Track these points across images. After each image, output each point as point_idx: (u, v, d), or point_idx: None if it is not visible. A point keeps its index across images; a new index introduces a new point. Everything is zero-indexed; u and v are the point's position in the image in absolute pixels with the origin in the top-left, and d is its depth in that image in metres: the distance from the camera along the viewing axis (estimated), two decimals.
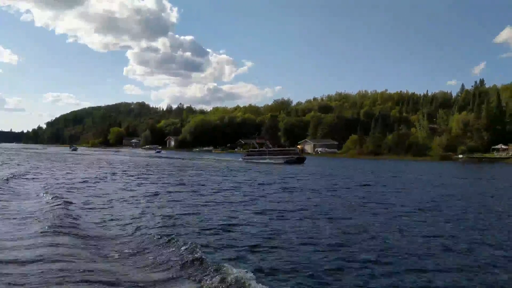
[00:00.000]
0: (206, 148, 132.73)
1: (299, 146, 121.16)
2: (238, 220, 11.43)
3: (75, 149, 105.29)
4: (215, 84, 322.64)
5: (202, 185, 21.66)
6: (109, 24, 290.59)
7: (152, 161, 55.61)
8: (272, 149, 60.10)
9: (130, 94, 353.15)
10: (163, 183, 22.18)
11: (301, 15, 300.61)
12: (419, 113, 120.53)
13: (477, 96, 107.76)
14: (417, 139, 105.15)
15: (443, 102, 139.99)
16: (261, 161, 55.46)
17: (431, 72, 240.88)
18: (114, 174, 28.36)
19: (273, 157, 54.94)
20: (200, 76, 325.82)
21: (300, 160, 54.31)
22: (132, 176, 27.31)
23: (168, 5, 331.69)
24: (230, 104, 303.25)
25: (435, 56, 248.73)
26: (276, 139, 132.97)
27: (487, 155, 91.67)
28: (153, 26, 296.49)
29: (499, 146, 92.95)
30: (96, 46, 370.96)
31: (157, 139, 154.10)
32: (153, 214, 12.06)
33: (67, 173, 28.16)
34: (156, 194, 16.91)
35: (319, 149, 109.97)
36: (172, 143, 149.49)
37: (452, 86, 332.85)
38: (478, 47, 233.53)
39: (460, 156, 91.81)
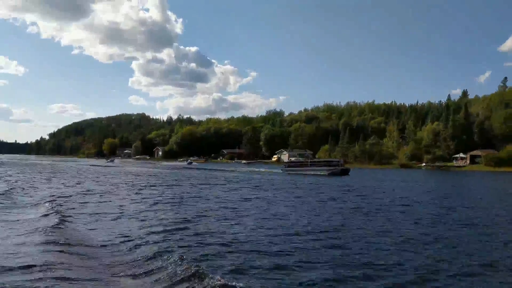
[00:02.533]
0: (191, 158, 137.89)
1: (275, 156, 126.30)
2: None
3: (112, 161, 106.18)
4: (220, 95, 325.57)
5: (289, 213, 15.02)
6: (114, 35, 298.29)
7: (189, 173, 50.37)
8: (314, 160, 57.55)
9: (135, 105, 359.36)
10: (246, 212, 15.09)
11: (306, 24, 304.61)
12: (393, 123, 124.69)
13: (445, 108, 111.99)
14: (388, 148, 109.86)
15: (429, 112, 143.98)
16: (303, 172, 52.66)
17: (436, 81, 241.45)
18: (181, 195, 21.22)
19: (317, 168, 52.20)
20: (205, 86, 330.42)
21: (344, 172, 50.40)
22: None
23: (172, 16, 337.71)
24: (235, 114, 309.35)
25: (440, 66, 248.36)
26: (258, 149, 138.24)
27: (448, 163, 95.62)
28: (158, 37, 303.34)
29: (458, 155, 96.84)
30: (101, 57, 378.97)
31: (147, 149, 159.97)
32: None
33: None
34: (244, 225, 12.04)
35: (292, 159, 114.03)
36: (160, 153, 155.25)
37: (457, 95, 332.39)
38: (483, 56, 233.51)
39: (423, 164, 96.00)
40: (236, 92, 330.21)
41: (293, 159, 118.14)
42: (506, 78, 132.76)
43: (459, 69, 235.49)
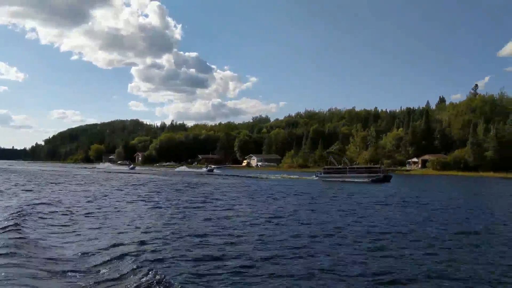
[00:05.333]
0: (168, 164, 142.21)
1: (245, 161, 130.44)
2: None
3: (133, 168, 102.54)
4: (220, 100, 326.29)
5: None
6: (114, 41, 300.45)
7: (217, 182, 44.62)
8: (353, 166, 55.84)
9: (135, 111, 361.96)
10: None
11: (305, 30, 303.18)
12: (357, 129, 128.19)
13: (407, 114, 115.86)
14: (351, 153, 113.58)
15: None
16: (341, 179, 50.45)
17: (436, 86, 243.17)
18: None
19: (357, 175, 50.07)
20: (204, 92, 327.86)
21: (386, 179, 48.73)
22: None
23: (172, 22, 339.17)
24: (235, 120, 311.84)
25: (440, 71, 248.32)
26: (231, 154, 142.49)
27: (402, 168, 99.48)
28: (158, 43, 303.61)
29: (411, 159, 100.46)
30: (101, 63, 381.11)
31: (129, 155, 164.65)
32: None
33: None
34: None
35: (259, 164, 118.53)
36: (140, 158, 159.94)
37: (457, 100, 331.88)
38: (482, 61, 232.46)
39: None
40: (235, 97, 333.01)
41: (259, 164, 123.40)
42: (476, 85, 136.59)
43: (459, 74, 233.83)
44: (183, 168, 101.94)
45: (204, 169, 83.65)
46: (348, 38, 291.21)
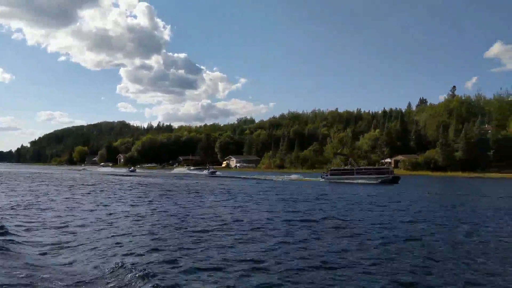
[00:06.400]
0: (149, 165, 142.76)
1: (224, 162, 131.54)
2: None
3: (133, 171, 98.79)
4: (209, 101, 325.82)
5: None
6: (102, 42, 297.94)
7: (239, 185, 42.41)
8: (361, 167, 54.66)
9: (124, 112, 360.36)
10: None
11: (295, 31, 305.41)
12: (334, 130, 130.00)
13: (382, 115, 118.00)
14: (328, 154, 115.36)
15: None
16: (348, 181, 48.95)
17: (423, 87, 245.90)
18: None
19: (365, 176, 48.78)
20: (193, 93, 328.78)
21: (395, 180, 47.64)
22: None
23: (161, 23, 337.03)
24: (224, 121, 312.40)
25: (427, 71, 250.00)
26: (212, 155, 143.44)
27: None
28: (146, 43, 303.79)
29: (384, 160, 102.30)
30: (88, 64, 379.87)
31: (112, 156, 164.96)
32: None
33: None
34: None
35: (237, 165, 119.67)
36: (122, 160, 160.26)
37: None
38: (470, 62, 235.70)
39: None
40: (225, 98, 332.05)
41: (238, 165, 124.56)
42: (454, 87, 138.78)
43: (446, 75, 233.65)
44: (183, 169, 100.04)
45: (206, 172, 79.50)
46: (339, 39, 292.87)
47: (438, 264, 9.07)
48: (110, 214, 16.65)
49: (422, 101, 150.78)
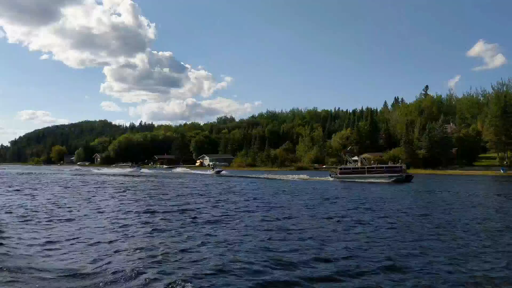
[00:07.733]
0: (124, 164, 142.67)
1: (198, 161, 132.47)
2: None
3: (139, 169, 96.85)
4: (194, 100, 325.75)
5: None
6: (85, 40, 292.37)
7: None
8: (372, 166, 53.30)
9: (108, 111, 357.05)
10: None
11: (280, 29, 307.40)
12: (305, 129, 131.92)
13: (352, 114, 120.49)
14: (300, 152, 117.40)
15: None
16: (360, 180, 48.35)
17: (407, 85, 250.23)
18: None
19: (377, 175, 47.84)
20: (178, 92, 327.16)
21: (408, 178, 47.52)
22: None
23: (145, 21, 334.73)
24: (210, 120, 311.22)
25: (409, 70, 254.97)
26: (186, 154, 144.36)
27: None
28: (131, 42, 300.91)
29: (352, 158, 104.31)
30: (72, 63, 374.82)
31: (89, 156, 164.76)
32: None
33: None
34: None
35: (211, 163, 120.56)
36: (98, 159, 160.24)
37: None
38: (452, 61, 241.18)
39: (323, 166, 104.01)
40: (210, 97, 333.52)
41: (211, 163, 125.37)
42: (427, 86, 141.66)
43: (429, 74, 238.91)
44: (184, 169, 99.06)
45: (211, 171, 76.75)
46: (326, 37, 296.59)
47: None
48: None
49: (397, 100, 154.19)
